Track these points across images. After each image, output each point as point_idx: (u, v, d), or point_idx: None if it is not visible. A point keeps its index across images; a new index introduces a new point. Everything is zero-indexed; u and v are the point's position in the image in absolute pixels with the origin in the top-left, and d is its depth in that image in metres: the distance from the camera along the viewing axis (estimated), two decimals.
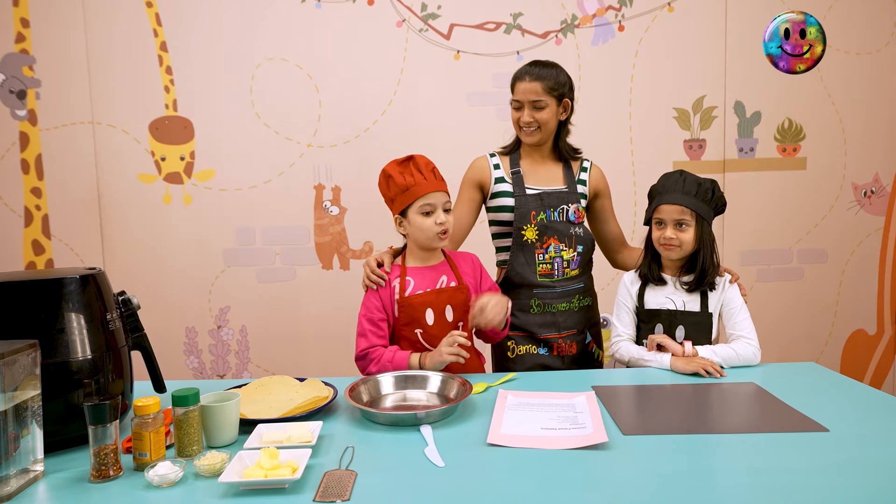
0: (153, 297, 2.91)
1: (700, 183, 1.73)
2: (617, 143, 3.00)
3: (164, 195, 2.92)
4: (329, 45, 2.90)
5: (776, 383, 1.54)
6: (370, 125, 2.93)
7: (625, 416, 1.33)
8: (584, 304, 1.98)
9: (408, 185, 1.62)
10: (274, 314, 2.98)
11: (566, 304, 1.92)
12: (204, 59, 2.88)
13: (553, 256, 1.90)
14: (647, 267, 1.81)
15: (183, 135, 2.90)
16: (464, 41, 2.92)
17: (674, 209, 1.72)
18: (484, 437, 1.23)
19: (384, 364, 1.61)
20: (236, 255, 2.96)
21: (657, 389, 1.53)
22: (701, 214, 1.71)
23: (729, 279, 1.78)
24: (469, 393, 1.39)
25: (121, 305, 1.36)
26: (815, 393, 1.46)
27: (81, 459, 1.19)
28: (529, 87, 1.86)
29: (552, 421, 1.29)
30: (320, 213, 2.96)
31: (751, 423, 1.29)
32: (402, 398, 1.47)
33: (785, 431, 1.23)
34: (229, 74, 2.89)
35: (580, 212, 1.94)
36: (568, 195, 1.93)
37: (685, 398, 1.45)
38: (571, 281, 1.94)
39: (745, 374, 1.62)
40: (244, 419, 1.28)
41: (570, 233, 1.92)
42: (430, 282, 1.70)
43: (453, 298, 1.69)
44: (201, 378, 2.98)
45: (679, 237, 1.72)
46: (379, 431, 1.28)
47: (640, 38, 2.96)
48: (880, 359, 3.17)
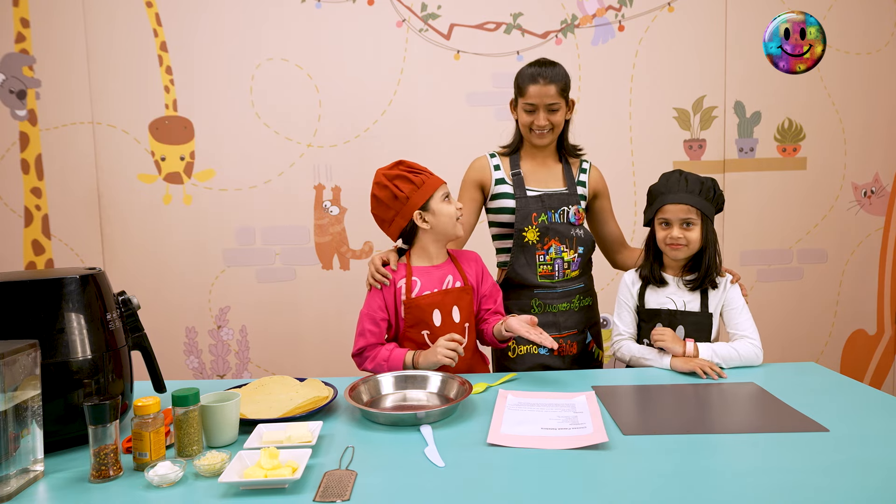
0: (153, 297, 2.89)
1: (703, 182, 1.73)
2: (617, 144, 2.98)
3: (164, 195, 2.92)
4: (329, 44, 2.89)
5: (776, 383, 1.54)
6: (370, 125, 2.92)
7: (625, 416, 1.33)
8: (585, 304, 1.97)
9: (423, 181, 1.64)
10: (274, 314, 2.97)
11: (567, 305, 1.92)
12: (204, 58, 2.87)
13: (554, 258, 1.89)
14: (649, 269, 1.80)
15: (183, 135, 2.90)
16: (464, 41, 2.91)
17: (679, 208, 1.71)
18: (484, 437, 1.23)
19: (380, 362, 1.61)
20: (236, 256, 2.95)
21: (657, 389, 1.52)
22: (705, 213, 1.71)
23: (730, 279, 1.77)
24: (469, 393, 1.39)
25: (121, 305, 1.36)
26: (815, 393, 1.46)
27: (81, 459, 1.19)
28: (545, 90, 1.83)
29: (552, 421, 1.29)
30: (320, 213, 2.95)
31: (751, 423, 1.28)
32: (402, 398, 1.47)
33: (785, 431, 1.23)
34: (229, 74, 2.88)
35: (580, 213, 1.94)
36: (568, 196, 1.93)
37: (685, 398, 1.45)
38: (572, 282, 1.93)
39: (746, 373, 1.62)
40: (244, 419, 1.28)
41: (570, 234, 1.91)
42: (437, 281, 1.69)
43: (460, 299, 1.69)
44: (201, 378, 2.98)
45: (686, 236, 1.71)
46: (379, 431, 1.28)
47: (640, 38, 2.95)
48: (880, 359, 3.16)
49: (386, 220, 1.69)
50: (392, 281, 1.68)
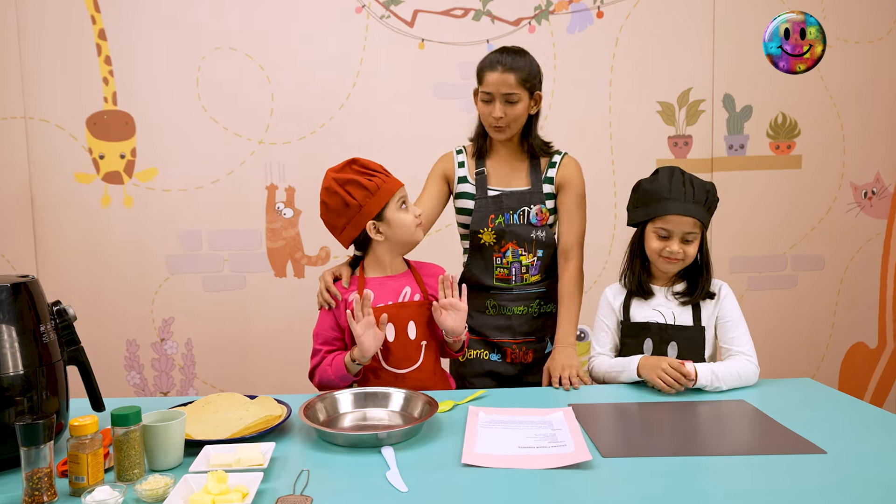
0: (91, 308, 2.78)
1: (708, 189, 1.64)
2: (596, 141, 2.89)
3: (102, 196, 2.80)
4: (282, 33, 2.78)
5: (769, 401, 1.51)
6: (327, 120, 2.81)
7: (604, 437, 1.30)
8: (546, 310, 1.90)
9: (378, 186, 1.58)
10: (222, 326, 2.87)
11: (523, 308, 1.87)
12: (146, 48, 2.75)
13: (511, 261, 1.85)
14: (635, 280, 1.71)
15: (123, 131, 2.78)
16: (429, 29, 2.81)
17: (685, 221, 1.61)
18: (451, 459, 1.20)
19: (324, 368, 1.59)
20: (181, 262, 2.84)
21: (639, 408, 1.49)
22: (705, 224, 1.65)
23: (722, 287, 1.69)
24: (435, 411, 1.36)
25: (55, 316, 1.32)
26: (811, 411, 1.44)
27: (13, 484, 1.15)
28: (502, 78, 1.74)
29: (529, 439, 1.27)
30: (273, 215, 2.85)
31: (742, 445, 1.27)
32: (361, 417, 1.45)
33: (779, 453, 1.20)
34: (174, 65, 2.77)
35: (543, 213, 1.86)
36: (530, 195, 1.85)
37: (670, 417, 1.42)
38: (531, 286, 1.88)
39: (737, 391, 1.58)
40: (190, 440, 1.25)
41: (530, 236, 1.85)
42: (392, 293, 1.65)
43: (417, 314, 1.64)
44: (143, 395, 2.90)
45: (685, 251, 1.63)
46: (336, 453, 1.26)
47: (621, 26, 2.84)
48: (882, 374, 3.11)
49: (337, 228, 1.64)
50: (343, 299, 1.64)
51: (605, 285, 1.81)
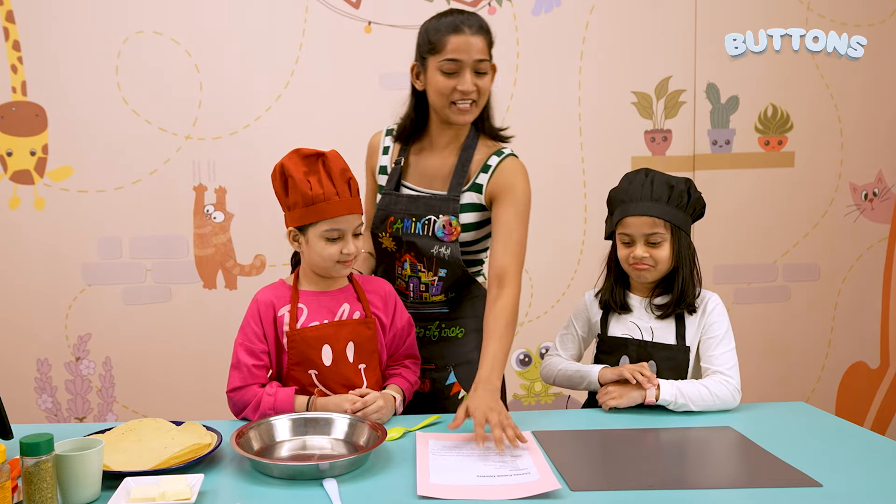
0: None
1: (672, 185, 1.59)
2: (563, 137, 2.80)
3: (10, 198, 2.67)
4: (212, 15, 2.67)
5: (758, 427, 1.48)
6: (262, 113, 2.70)
7: (573, 467, 1.27)
8: (449, 335, 1.75)
9: (314, 199, 1.45)
10: (145, 343, 2.76)
11: (421, 331, 1.72)
12: (60, 31, 2.62)
13: (409, 275, 1.71)
14: (610, 292, 1.68)
15: (34, 124, 2.66)
16: (376, 10, 2.70)
17: (643, 222, 1.57)
18: (403, 492, 1.18)
19: (265, 411, 1.48)
20: (98, 272, 2.73)
21: (612, 435, 1.46)
22: (677, 224, 1.59)
23: (711, 300, 1.63)
24: (383, 440, 1.33)
25: None
26: (805, 439, 1.43)
27: None
28: (471, 42, 1.52)
29: (488, 466, 1.25)
30: (201, 219, 2.74)
31: (727, 477, 1.26)
32: (300, 446, 1.40)
33: (769, 486, 1.19)
34: (91, 51, 2.64)
35: (453, 227, 1.65)
36: (442, 204, 1.65)
37: (647, 446, 1.40)
38: (431, 305, 1.73)
39: (721, 416, 1.56)
40: (108, 471, 1.23)
41: (431, 252, 1.65)
42: (328, 311, 1.56)
43: (357, 334, 1.55)
44: (56, 421, 2.77)
45: (653, 255, 1.58)
46: (272, 486, 1.23)
47: (592, 6, 2.73)
48: (884, 398, 3.06)
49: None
50: (273, 308, 1.54)
51: (570, 302, 1.73)
